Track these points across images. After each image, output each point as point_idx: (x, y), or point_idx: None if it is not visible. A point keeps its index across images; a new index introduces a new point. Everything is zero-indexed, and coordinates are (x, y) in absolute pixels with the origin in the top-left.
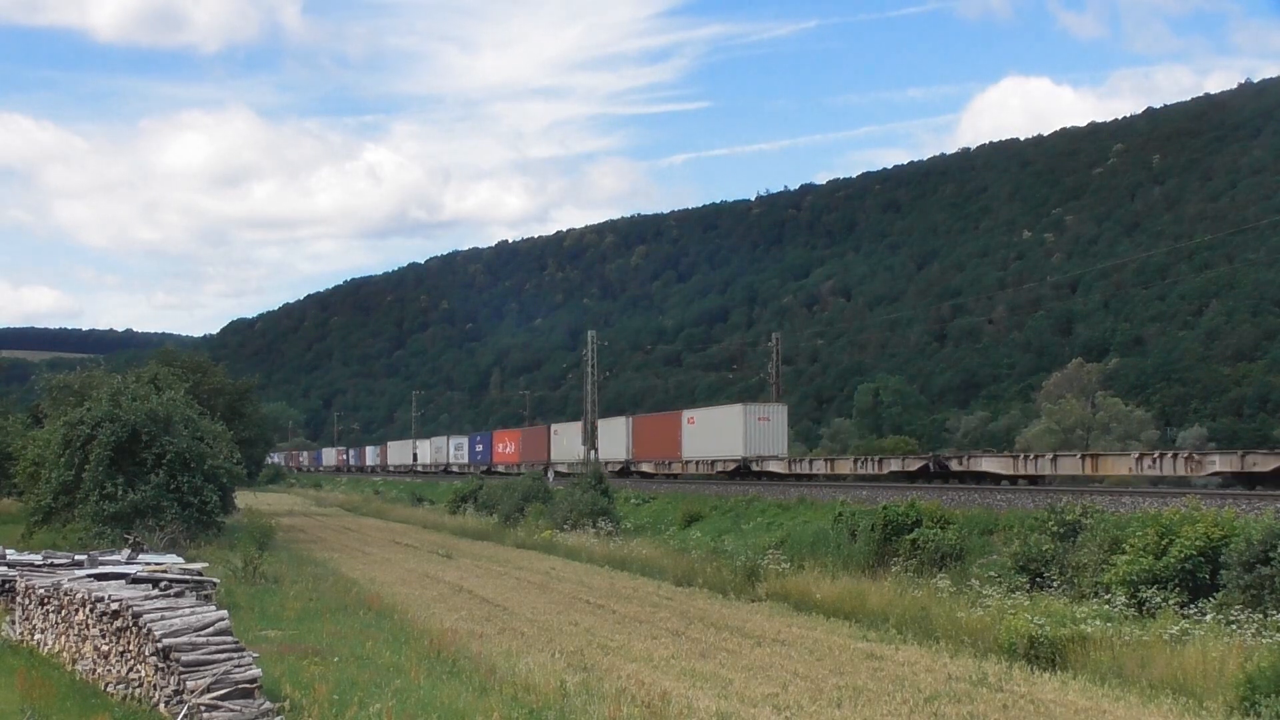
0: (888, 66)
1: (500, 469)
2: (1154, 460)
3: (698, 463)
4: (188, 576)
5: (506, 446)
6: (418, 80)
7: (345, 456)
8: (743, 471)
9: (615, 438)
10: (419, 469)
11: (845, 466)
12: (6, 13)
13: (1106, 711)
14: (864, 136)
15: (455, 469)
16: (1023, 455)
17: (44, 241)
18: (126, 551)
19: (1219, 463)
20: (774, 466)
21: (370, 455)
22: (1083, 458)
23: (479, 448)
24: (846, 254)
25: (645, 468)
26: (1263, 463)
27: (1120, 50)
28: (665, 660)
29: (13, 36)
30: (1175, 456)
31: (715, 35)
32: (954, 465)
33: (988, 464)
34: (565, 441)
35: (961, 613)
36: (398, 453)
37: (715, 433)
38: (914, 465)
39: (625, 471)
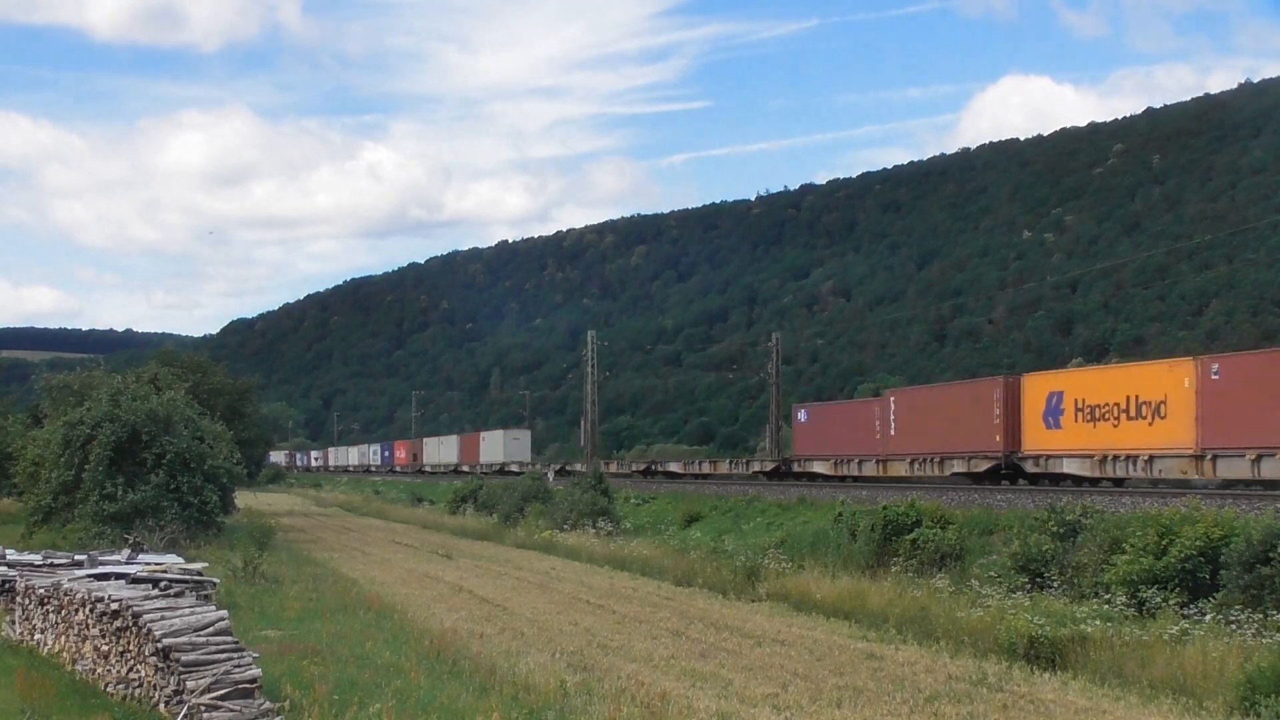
0: (888, 66)
1: (398, 469)
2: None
3: (486, 465)
4: (188, 576)
5: (399, 453)
6: (417, 80)
7: (292, 458)
8: (501, 471)
9: (450, 447)
10: (349, 468)
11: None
12: (4, 11)
13: (1106, 711)
14: (864, 136)
15: (373, 469)
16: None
17: (43, 241)
18: (126, 551)
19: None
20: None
21: (314, 458)
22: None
23: (385, 453)
24: (846, 254)
25: (464, 468)
26: None
27: (1122, 49)
28: (665, 660)
29: (11, 35)
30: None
31: (715, 35)
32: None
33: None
34: (497, 445)
35: (961, 613)
36: (337, 456)
37: (491, 447)
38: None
39: (456, 470)
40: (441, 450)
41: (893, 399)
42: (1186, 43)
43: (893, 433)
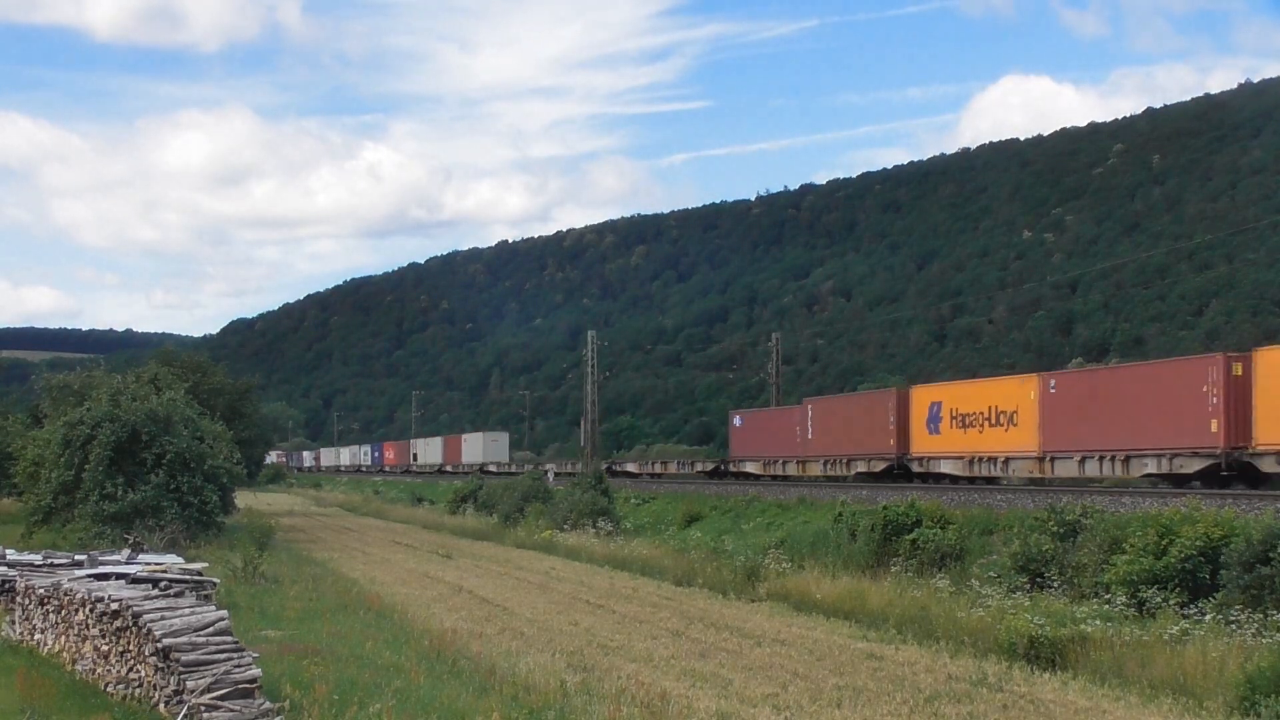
0: (888, 66)
1: (387, 469)
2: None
3: (467, 465)
4: (188, 576)
5: (389, 453)
6: (417, 80)
7: (284, 458)
8: (481, 470)
9: (435, 449)
10: (341, 468)
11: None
12: (4, 11)
13: (1106, 711)
14: (864, 136)
15: (364, 469)
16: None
17: (43, 241)
18: (126, 551)
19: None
20: (493, 468)
21: (306, 458)
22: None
23: (376, 453)
24: (846, 254)
25: (447, 468)
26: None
27: (1122, 49)
28: (665, 660)
29: (10, 35)
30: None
31: (715, 34)
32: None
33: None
34: (478, 447)
35: (961, 613)
36: (329, 456)
37: (472, 448)
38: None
39: (440, 470)
40: (428, 451)
41: (810, 407)
42: (1187, 42)
43: (810, 437)
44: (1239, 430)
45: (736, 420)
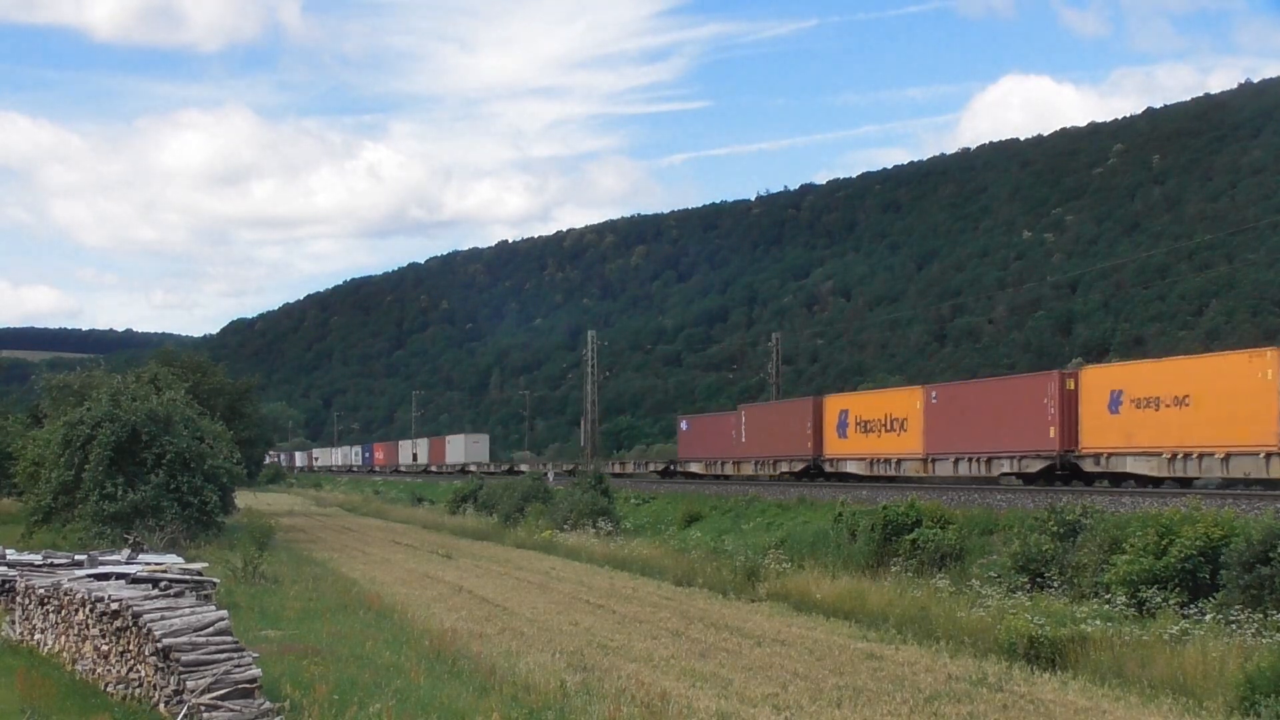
0: (888, 66)
1: (377, 469)
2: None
3: (450, 465)
4: (188, 576)
5: (378, 454)
6: (417, 80)
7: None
8: (463, 471)
9: (421, 450)
10: (333, 468)
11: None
12: (3, 10)
13: (1106, 711)
14: (864, 136)
15: (355, 469)
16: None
17: (43, 241)
18: (126, 551)
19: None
20: (473, 468)
21: (298, 458)
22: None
23: (366, 454)
24: (846, 254)
25: (432, 468)
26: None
27: (1123, 48)
28: (665, 660)
29: (10, 34)
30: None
31: (715, 34)
32: (678, 467)
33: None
34: (460, 448)
35: (961, 613)
36: (322, 457)
37: (455, 449)
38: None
39: (425, 470)
40: (415, 452)
41: (744, 413)
42: (1187, 42)
43: (743, 440)
44: (1070, 436)
45: (684, 425)
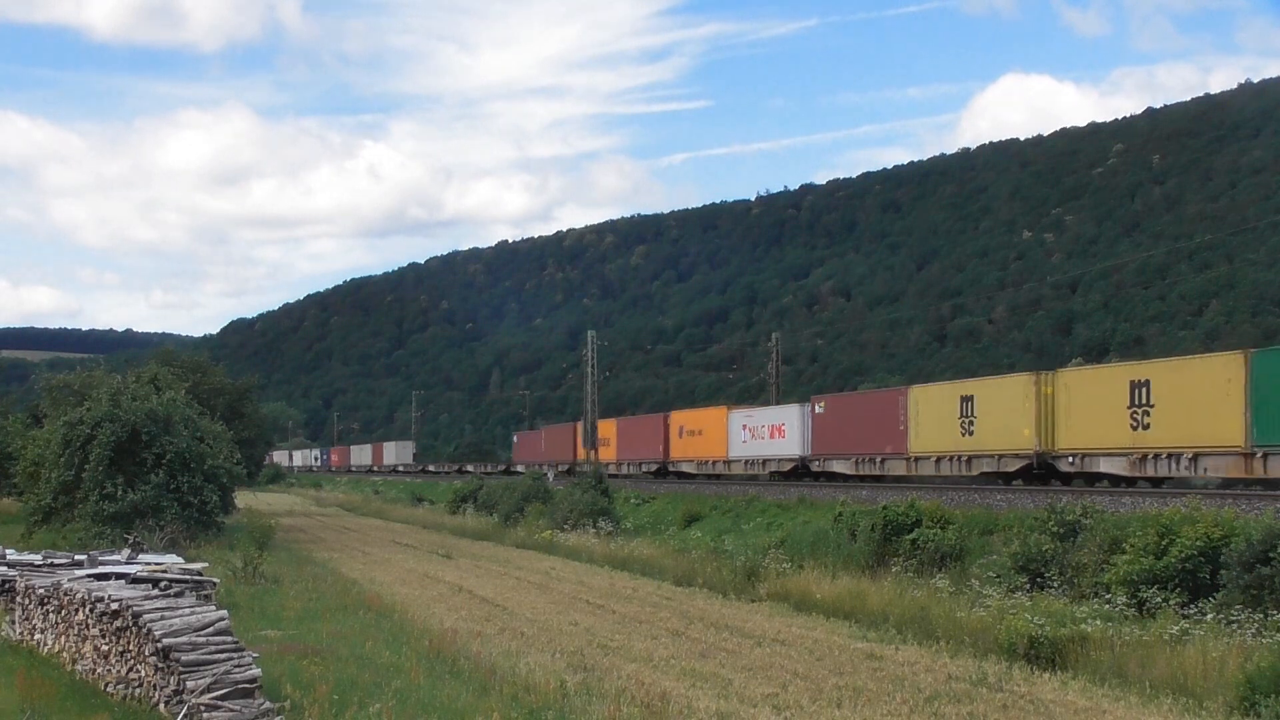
0: (888, 66)
1: (333, 469)
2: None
3: (386, 466)
4: (188, 576)
5: (334, 457)
6: (417, 79)
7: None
8: (394, 470)
9: (366, 453)
10: (295, 469)
11: None
12: (3, 10)
13: (1106, 711)
14: (864, 136)
15: (313, 469)
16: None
17: (43, 241)
18: (126, 551)
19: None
20: (401, 468)
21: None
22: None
23: (325, 456)
24: (846, 254)
25: (374, 468)
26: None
27: (1124, 48)
28: (665, 660)
29: (9, 34)
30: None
31: (714, 34)
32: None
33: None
34: (393, 452)
35: (961, 613)
36: (282, 457)
37: (389, 453)
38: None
39: (369, 470)
40: (360, 455)
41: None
42: (1189, 41)
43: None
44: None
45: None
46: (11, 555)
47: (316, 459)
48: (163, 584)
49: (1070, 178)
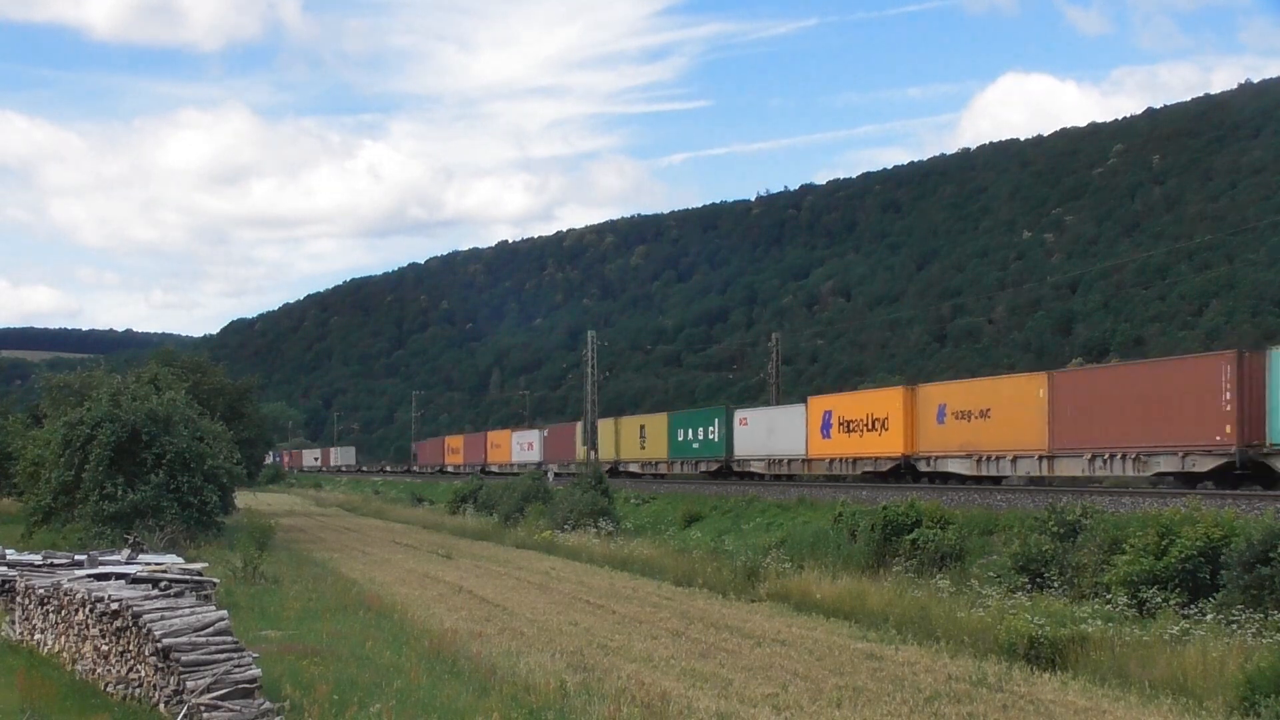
0: (888, 65)
1: (286, 468)
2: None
3: (333, 466)
4: (188, 577)
5: (285, 458)
6: (417, 79)
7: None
8: (340, 470)
9: (314, 455)
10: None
11: None
12: (2, 9)
13: (1106, 711)
14: (864, 136)
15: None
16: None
17: (42, 241)
18: (126, 551)
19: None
20: (343, 468)
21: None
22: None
23: (277, 458)
24: (846, 254)
25: (323, 469)
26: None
27: (1126, 47)
28: (665, 660)
29: (8, 33)
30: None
31: (714, 34)
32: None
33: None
34: (339, 455)
35: (961, 613)
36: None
37: (335, 455)
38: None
39: (319, 470)
40: (309, 458)
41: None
42: (1190, 41)
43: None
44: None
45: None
46: (11, 555)
47: (271, 457)
48: (163, 584)
49: (1070, 178)
